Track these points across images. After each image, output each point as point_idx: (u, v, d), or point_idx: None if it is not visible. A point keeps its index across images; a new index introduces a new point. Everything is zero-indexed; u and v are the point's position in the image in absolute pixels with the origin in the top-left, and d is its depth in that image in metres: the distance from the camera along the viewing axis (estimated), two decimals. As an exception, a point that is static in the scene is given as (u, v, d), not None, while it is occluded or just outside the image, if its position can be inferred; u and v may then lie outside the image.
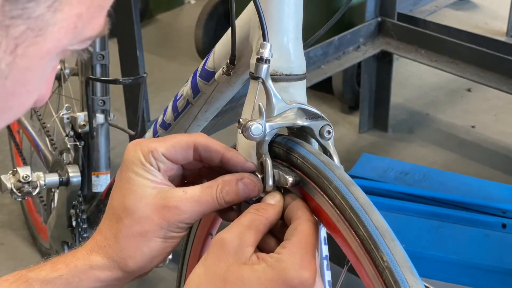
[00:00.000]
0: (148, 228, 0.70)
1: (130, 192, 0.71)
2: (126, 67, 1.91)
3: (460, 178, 2.18)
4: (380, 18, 2.56)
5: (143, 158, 0.71)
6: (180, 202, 0.70)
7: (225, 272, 0.64)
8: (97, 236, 0.73)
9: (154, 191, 0.71)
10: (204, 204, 0.71)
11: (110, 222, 0.72)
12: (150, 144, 0.72)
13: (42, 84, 0.53)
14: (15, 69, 0.49)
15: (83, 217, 1.66)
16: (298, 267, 0.63)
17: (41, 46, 0.49)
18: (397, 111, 2.91)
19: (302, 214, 0.68)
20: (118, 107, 2.30)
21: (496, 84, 2.27)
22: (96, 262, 0.72)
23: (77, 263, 0.72)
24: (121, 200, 0.72)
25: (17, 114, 0.53)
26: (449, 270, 1.81)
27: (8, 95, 0.50)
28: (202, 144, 0.73)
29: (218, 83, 0.94)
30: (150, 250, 0.71)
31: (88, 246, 0.73)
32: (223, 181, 0.72)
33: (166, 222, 0.70)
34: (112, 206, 0.73)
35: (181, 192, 0.71)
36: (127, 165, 0.72)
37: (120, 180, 0.73)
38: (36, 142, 1.83)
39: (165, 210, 0.70)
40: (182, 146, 0.72)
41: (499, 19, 3.57)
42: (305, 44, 0.82)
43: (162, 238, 0.71)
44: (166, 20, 3.90)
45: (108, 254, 0.72)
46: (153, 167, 0.72)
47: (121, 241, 0.71)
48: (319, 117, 0.74)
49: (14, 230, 2.32)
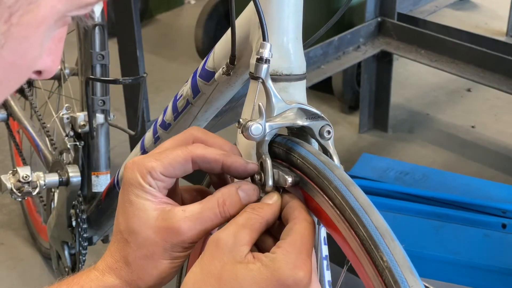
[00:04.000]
0: (153, 251, 0.70)
1: (133, 215, 0.71)
2: (126, 67, 1.91)
3: (460, 178, 2.18)
4: (380, 18, 2.56)
5: (141, 180, 0.71)
6: (180, 222, 0.69)
7: (219, 270, 0.64)
8: (108, 258, 0.73)
9: (155, 213, 0.70)
10: (206, 221, 0.70)
11: (118, 245, 0.72)
12: (147, 164, 0.71)
13: (42, 54, 0.53)
14: (11, 38, 0.49)
15: (83, 217, 1.66)
16: (293, 266, 0.63)
17: (36, 13, 0.49)
18: (397, 111, 2.91)
19: (298, 214, 0.68)
20: (118, 107, 2.30)
21: (496, 84, 2.27)
22: (110, 283, 0.72)
23: (92, 284, 0.72)
24: (126, 224, 0.72)
25: (15, 85, 0.53)
26: (449, 270, 1.81)
27: (6, 65, 0.50)
28: (199, 156, 0.71)
29: (218, 83, 0.94)
30: (158, 272, 0.71)
31: (100, 267, 0.73)
32: (223, 194, 0.71)
33: (169, 244, 0.70)
34: (119, 230, 0.73)
35: (181, 211, 0.70)
36: (127, 188, 0.72)
37: (123, 202, 0.72)
38: (36, 142, 1.83)
39: (167, 232, 0.70)
40: (180, 162, 0.71)
41: (499, 19, 3.57)
42: (305, 44, 0.82)
43: (169, 259, 0.71)
44: (166, 20, 3.90)
45: (120, 276, 0.72)
46: (152, 187, 0.71)
47: (130, 264, 0.71)
48: (319, 117, 0.74)
49: (14, 230, 2.33)
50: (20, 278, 2.13)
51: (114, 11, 1.96)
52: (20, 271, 2.16)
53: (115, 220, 0.74)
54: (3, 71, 0.50)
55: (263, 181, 0.72)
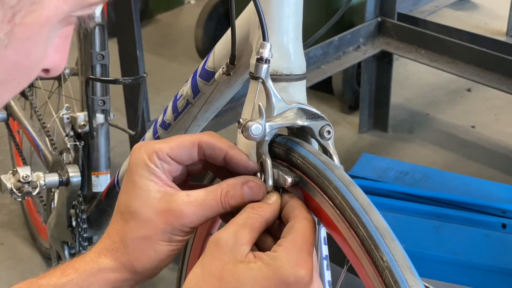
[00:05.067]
0: (152, 232, 0.70)
1: (135, 195, 0.71)
2: (126, 67, 1.91)
3: (460, 178, 2.18)
4: (380, 18, 2.56)
5: (147, 160, 0.71)
6: (183, 206, 0.70)
7: (220, 270, 0.64)
8: (105, 240, 0.74)
9: (158, 195, 0.71)
10: (208, 208, 0.71)
11: (117, 225, 0.73)
12: (154, 145, 0.72)
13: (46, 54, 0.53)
14: (14, 38, 0.48)
15: (83, 217, 1.66)
16: (294, 264, 0.63)
17: (39, 14, 0.49)
18: (397, 111, 2.91)
19: (299, 213, 0.68)
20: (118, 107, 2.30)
21: (496, 84, 2.27)
22: (105, 264, 0.72)
23: (86, 266, 0.72)
24: (127, 204, 0.72)
25: (22, 84, 0.53)
26: (449, 270, 1.81)
27: (10, 65, 0.50)
28: (206, 142, 0.72)
29: (218, 83, 0.94)
30: (156, 254, 0.71)
31: (96, 250, 0.73)
32: (228, 184, 0.71)
33: (170, 226, 0.70)
34: (119, 209, 0.73)
35: (185, 195, 0.71)
36: (132, 168, 0.72)
37: (126, 183, 0.73)
38: (36, 142, 1.83)
39: (169, 214, 0.70)
40: (187, 145, 0.72)
41: (499, 19, 3.57)
42: (305, 44, 0.82)
43: (167, 241, 0.71)
44: (166, 20, 3.90)
45: (116, 257, 0.72)
46: (158, 168, 0.71)
47: (127, 244, 0.72)
48: (319, 117, 0.74)
49: (14, 230, 2.33)
50: (20, 278, 2.13)
51: (114, 11, 1.95)
52: (20, 271, 2.16)
53: (117, 202, 0.74)
54: (8, 70, 0.50)
55: (263, 181, 0.73)
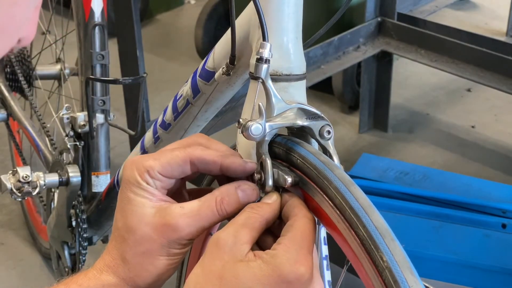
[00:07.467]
0: (150, 247, 0.71)
1: (131, 212, 0.71)
2: (126, 67, 1.91)
3: (460, 178, 2.17)
4: (380, 18, 2.56)
5: (139, 178, 0.71)
6: (178, 219, 0.70)
7: (220, 270, 0.65)
8: (106, 256, 0.74)
9: (153, 210, 0.71)
10: (203, 218, 0.70)
11: (116, 242, 0.73)
12: (145, 163, 0.71)
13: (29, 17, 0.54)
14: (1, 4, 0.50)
15: (83, 217, 1.66)
16: (294, 262, 0.63)
17: None
18: (397, 111, 2.91)
19: (298, 212, 0.69)
20: (118, 107, 2.30)
21: (496, 84, 2.27)
22: (107, 281, 0.72)
23: (90, 283, 0.72)
24: (123, 221, 0.72)
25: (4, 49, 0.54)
26: (449, 270, 1.81)
27: None
28: (198, 158, 0.72)
29: (218, 83, 0.94)
30: (156, 269, 0.72)
31: (98, 266, 0.74)
32: (221, 192, 0.72)
33: (167, 240, 0.70)
34: (117, 227, 0.73)
35: (179, 208, 0.71)
36: (126, 185, 0.72)
37: (121, 200, 0.73)
38: (36, 142, 1.83)
39: (165, 228, 0.70)
40: (178, 163, 0.72)
41: (499, 19, 3.57)
42: (305, 44, 0.82)
43: (166, 256, 0.71)
44: (166, 20, 3.90)
45: (117, 273, 0.72)
46: (150, 186, 0.71)
47: (127, 261, 0.72)
48: (319, 117, 0.74)
49: (14, 230, 2.33)
50: (20, 278, 2.13)
51: (114, 11, 1.95)
52: (20, 271, 2.16)
53: (114, 218, 0.74)
54: None
55: (263, 181, 0.73)
